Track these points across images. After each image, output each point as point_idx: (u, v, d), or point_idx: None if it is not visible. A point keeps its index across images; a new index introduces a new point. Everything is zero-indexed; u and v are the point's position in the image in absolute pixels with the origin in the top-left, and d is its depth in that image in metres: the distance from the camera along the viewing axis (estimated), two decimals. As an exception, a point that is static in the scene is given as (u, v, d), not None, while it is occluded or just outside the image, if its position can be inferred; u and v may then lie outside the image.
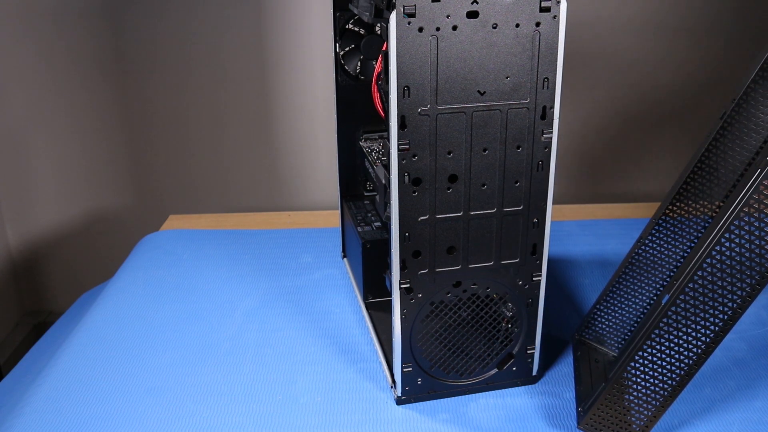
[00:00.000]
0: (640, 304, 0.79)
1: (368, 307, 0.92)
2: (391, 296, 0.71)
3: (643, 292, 0.79)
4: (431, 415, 0.75)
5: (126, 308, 0.96)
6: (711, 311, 0.60)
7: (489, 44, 0.62)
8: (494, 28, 0.61)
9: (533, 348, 0.77)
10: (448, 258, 0.70)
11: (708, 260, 0.58)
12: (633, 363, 0.65)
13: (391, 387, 0.78)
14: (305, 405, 0.77)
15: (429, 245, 0.69)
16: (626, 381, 0.66)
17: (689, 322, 0.62)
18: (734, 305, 0.59)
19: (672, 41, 1.51)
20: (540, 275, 0.73)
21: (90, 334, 0.90)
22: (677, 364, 0.64)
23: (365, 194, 1.03)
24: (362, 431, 0.73)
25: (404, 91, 0.62)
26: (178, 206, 1.64)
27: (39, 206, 1.69)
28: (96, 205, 1.69)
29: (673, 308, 0.62)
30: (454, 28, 0.61)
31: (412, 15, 0.59)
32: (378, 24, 0.69)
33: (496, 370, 0.77)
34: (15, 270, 1.76)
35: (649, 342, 0.64)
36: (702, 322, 0.61)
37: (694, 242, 0.73)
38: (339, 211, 1.06)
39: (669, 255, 0.77)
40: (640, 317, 0.78)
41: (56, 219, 1.71)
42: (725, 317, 0.60)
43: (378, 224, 0.93)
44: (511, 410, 0.76)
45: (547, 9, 0.61)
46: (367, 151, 0.94)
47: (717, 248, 0.58)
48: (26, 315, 1.80)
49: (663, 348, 0.64)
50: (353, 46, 0.93)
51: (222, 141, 1.62)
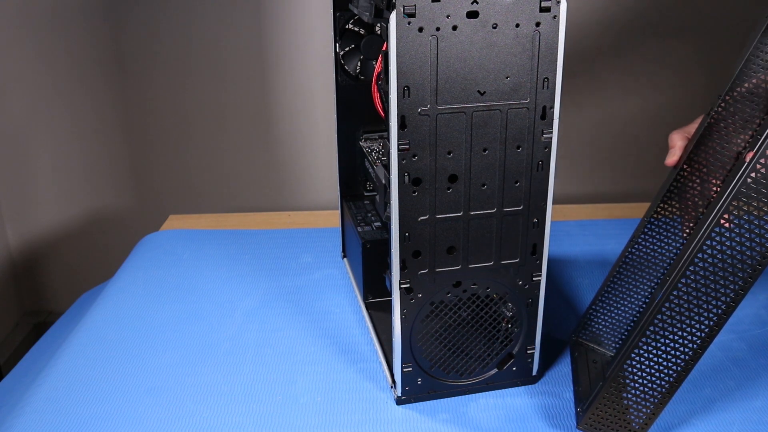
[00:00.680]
0: (636, 303, 0.79)
1: (368, 307, 0.92)
2: (391, 296, 0.71)
3: (638, 291, 0.79)
4: (431, 415, 0.75)
5: (126, 308, 0.96)
6: (705, 306, 0.60)
7: (489, 44, 0.62)
8: (494, 28, 0.61)
9: (533, 348, 0.77)
10: (448, 258, 0.70)
11: (699, 255, 0.58)
12: (629, 361, 0.65)
13: (391, 387, 0.78)
14: (305, 405, 0.77)
15: (429, 245, 0.69)
16: (623, 379, 0.66)
17: (683, 318, 0.62)
18: (727, 299, 0.59)
19: (673, 41, 1.51)
20: (540, 275, 0.73)
21: (90, 334, 0.90)
22: (673, 360, 0.64)
23: (365, 194, 1.03)
24: (362, 431, 0.73)
25: (404, 91, 0.62)
26: (178, 206, 1.64)
27: (39, 206, 1.69)
28: (96, 205, 1.69)
29: (667, 304, 0.62)
30: (454, 28, 0.61)
31: (412, 15, 0.59)
32: (378, 24, 0.69)
33: (496, 370, 0.77)
34: (15, 270, 1.76)
35: (644, 339, 0.64)
36: (696, 317, 0.61)
37: (686, 239, 0.73)
38: (339, 211, 1.06)
39: (662, 253, 0.77)
40: (636, 316, 0.78)
41: (56, 219, 1.71)
42: (719, 311, 0.60)
43: (378, 224, 0.93)
44: (511, 410, 0.76)
45: (547, 9, 0.61)
46: (367, 151, 0.94)
47: (708, 242, 0.58)
48: (26, 315, 1.80)
49: (658, 345, 0.64)
50: (353, 46, 0.93)
51: (222, 141, 1.62)
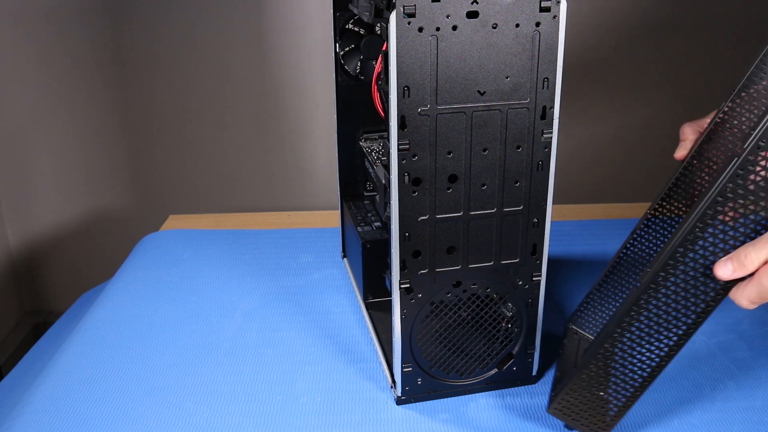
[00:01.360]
0: (626, 294, 0.79)
1: (368, 307, 0.92)
2: (391, 296, 0.71)
3: (631, 282, 0.78)
4: (431, 415, 0.75)
5: (126, 308, 0.96)
6: (683, 302, 0.59)
7: (489, 44, 0.62)
8: (494, 28, 0.61)
9: (533, 348, 0.77)
10: (448, 258, 0.70)
11: (680, 249, 0.57)
12: (602, 351, 0.64)
13: (391, 387, 0.78)
14: (305, 405, 0.77)
15: (429, 245, 0.69)
16: (596, 369, 0.65)
17: (660, 312, 0.60)
18: (707, 297, 0.58)
19: (675, 41, 1.51)
20: (540, 275, 0.73)
21: (90, 334, 0.90)
22: (648, 354, 0.63)
23: (365, 194, 1.03)
24: (362, 431, 0.73)
25: (404, 91, 0.62)
26: (178, 206, 1.64)
27: (39, 206, 1.69)
28: (96, 205, 1.69)
29: (644, 296, 0.60)
30: (454, 28, 0.61)
31: (412, 15, 0.59)
32: (378, 24, 0.69)
33: (496, 370, 0.77)
34: (15, 270, 1.76)
35: (619, 330, 0.62)
36: (674, 313, 0.60)
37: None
38: (339, 211, 1.06)
39: (659, 246, 0.76)
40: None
41: (56, 219, 1.71)
42: (698, 310, 0.59)
43: (378, 224, 0.93)
44: (511, 410, 0.76)
45: (547, 9, 0.61)
46: (367, 151, 0.94)
47: (689, 236, 0.57)
48: (26, 315, 1.80)
49: (633, 336, 0.63)
50: (353, 46, 0.93)
51: (222, 141, 1.62)
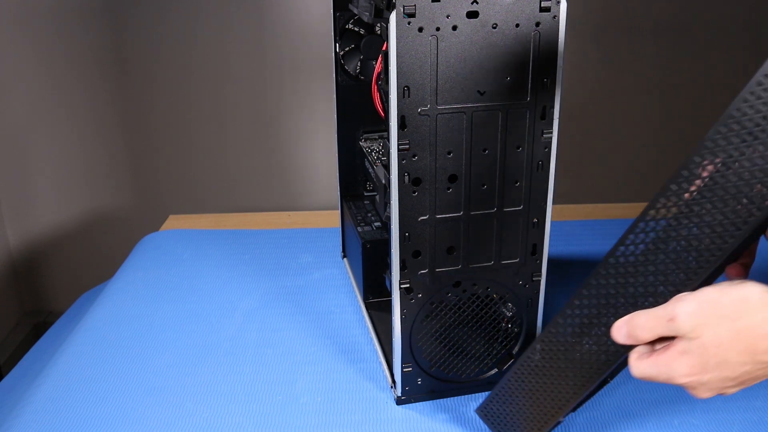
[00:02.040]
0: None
1: (368, 307, 0.92)
2: (391, 296, 0.71)
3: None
4: (431, 415, 0.75)
5: (126, 308, 0.96)
6: (604, 318, 0.55)
7: (489, 44, 0.62)
8: (494, 28, 0.61)
9: (533, 348, 0.77)
10: (448, 258, 0.70)
11: (611, 260, 0.54)
12: (521, 364, 0.63)
13: (391, 387, 0.78)
14: (305, 405, 0.77)
15: (429, 245, 0.69)
16: (517, 381, 0.64)
17: (584, 327, 0.57)
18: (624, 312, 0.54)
19: (676, 42, 1.51)
20: (540, 275, 0.73)
21: (90, 334, 0.90)
22: (568, 374, 0.59)
23: (365, 194, 1.03)
24: (362, 431, 0.73)
25: (404, 91, 0.62)
26: (178, 206, 1.64)
27: (39, 206, 1.69)
28: (96, 205, 1.69)
29: (569, 311, 0.57)
30: (454, 28, 0.61)
31: (412, 15, 0.59)
32: (378, 24, 0.69)
33: (496, 370, 0.77)
34: (15, 270, 1.76)
35: (541, 344, 0.60)
36: (595, 329, 0.56)
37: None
38: (339, 211, 1.06)
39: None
40: None
41: (56, 219, 1.71)
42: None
43: (378, 224, 0.93)
44: (511, 410, 0.76)
45: (547, 9, 0.61)
46: (367, 151, 0.94)
47: (621, 249, 0.54)
48: (26, 315, 1.80)
49: (552, 350, 0.59)
50: (353, 46, 0.93)
51: (222, 141, 1.62)
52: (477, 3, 0.60)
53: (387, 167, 0.67)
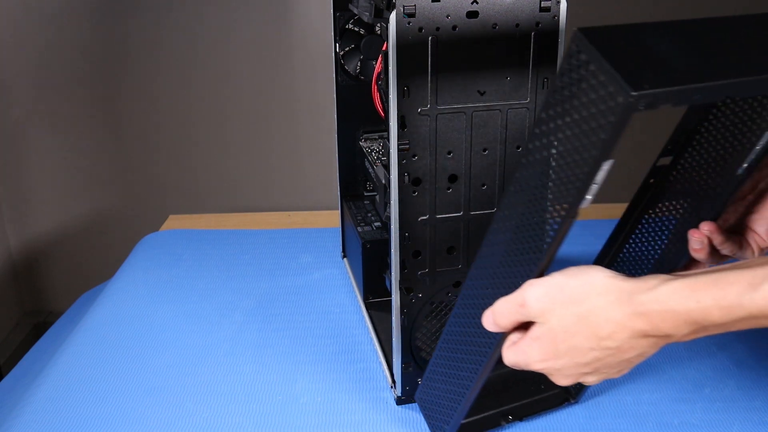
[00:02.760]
0: None
1: (368, 307, 0.92)
2: (391, 296, 0.71)
3: None
4: (431, 415, 0.75)
5: (126, 308, 0.96)
6: (480, 309, 0.55)
7: (489, 44, 0.62)
8: (494, 28, 0.61)
9: (533, 348, 0.77)
10: (448, 258, 0.70)
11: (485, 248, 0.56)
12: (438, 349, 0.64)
13: (391, 387, 0.78)
14: (305, 405, 0.77)
15: (429, 245, 0.69)
16: (437, 366, 0.65)
17: (468, 317, 0.58)
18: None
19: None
20: (540, 275, 0.73)
21: (90, 334, 0.90)
22: (465, 359, 0.60)
23: (365, 194, 1.03)
24: (362, 431, 0.73)
25: (404, 91, 0.62)
26: (179, 206, 1.64)
27: (39, 206, 1.69)
28: (96, 205, 1.69)
29: (460, 299, 0.59)
30: (454, 28, 0.61)
31: (412, 15, 0.59)
32: (378, 24, 0.69)
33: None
34: (15, 270, 1.76)
35: (445, 333, 0.61)
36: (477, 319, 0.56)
37: (666, 240, 0.71)
38: (339, 211, 1.06)
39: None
40: None
41: (56, 219, 1.71)
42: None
43: (378, 224, 0.93)
44: (511, 410, 0.76)
45: (547, 9, 0.61)
46: (367, 151, 0.94)
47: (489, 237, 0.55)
48: (26, 315, 1.80)
49: (451, 340, 0.60)
50: (353, 46, 0.93)
51: (222, 141, 1.62)
52: (477, 3, 0.60)
53: (387, 167, 0.67)
